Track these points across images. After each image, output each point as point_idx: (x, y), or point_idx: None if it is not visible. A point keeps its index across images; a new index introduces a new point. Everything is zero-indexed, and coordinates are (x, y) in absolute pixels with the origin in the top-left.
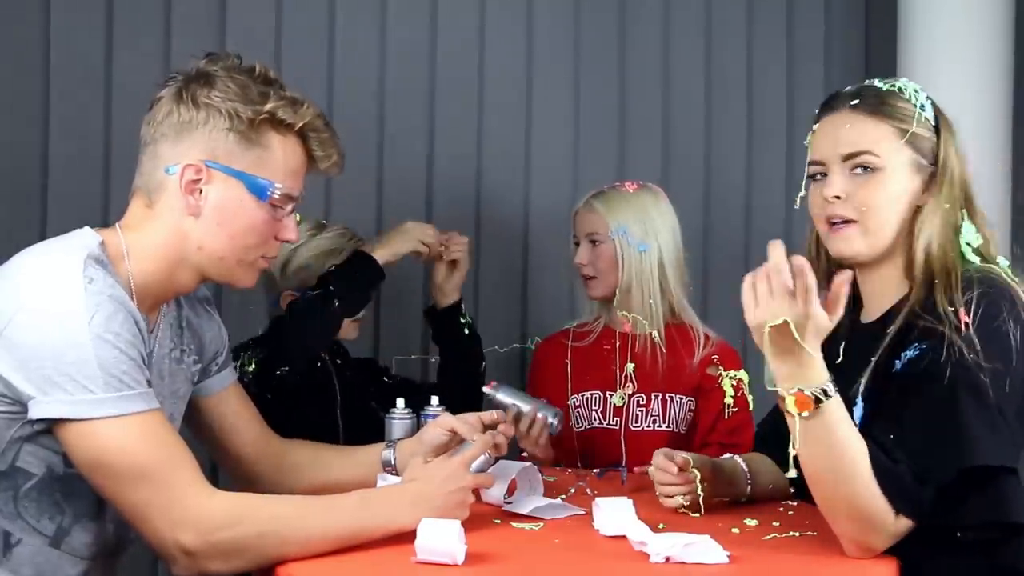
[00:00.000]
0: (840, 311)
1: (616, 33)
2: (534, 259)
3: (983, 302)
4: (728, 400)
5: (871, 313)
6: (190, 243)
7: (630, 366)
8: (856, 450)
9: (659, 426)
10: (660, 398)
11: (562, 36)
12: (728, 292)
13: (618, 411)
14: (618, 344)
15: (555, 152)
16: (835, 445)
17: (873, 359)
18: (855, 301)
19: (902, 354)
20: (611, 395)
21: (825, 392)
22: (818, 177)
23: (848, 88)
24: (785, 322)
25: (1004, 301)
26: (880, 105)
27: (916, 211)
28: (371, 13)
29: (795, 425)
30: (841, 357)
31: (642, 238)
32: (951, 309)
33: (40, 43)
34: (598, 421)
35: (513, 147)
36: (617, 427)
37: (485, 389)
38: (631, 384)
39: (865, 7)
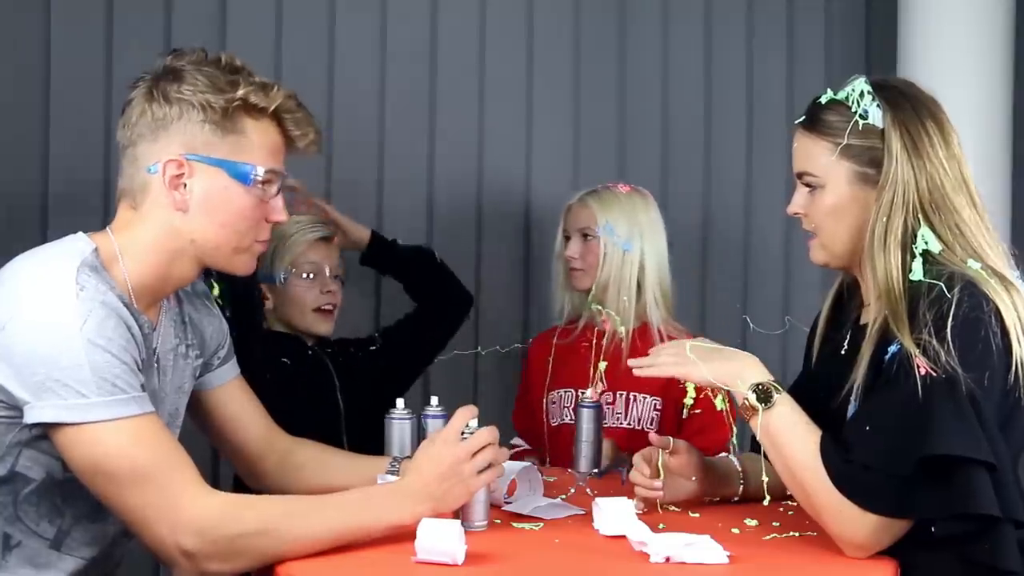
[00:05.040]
0: None
1: (616, 33)
2: (535, 259)
3: (964, 303)
4: (688, 400)
5: (868, 315)
6: (183, 238)
7: (603, 364)
8: (800, 447)
9: (620, 423)
10: (624, 396)
11: (562, 36)
12: (727, 292)
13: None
14: (594, 342)
15: (555, 152)
16: (780, 443)
17: (862, 360)
18: (855, 301)
19: (888, 349)
20: (582, 392)
21: (761, 388)
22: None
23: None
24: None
25: (984, 301)
26: (815, 122)
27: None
28: (371, 13)
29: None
30: (846, 348)
31: (627, 238)
32: (920, 337)
33: (40, 43)
34: (569, 418)
35: (513, 147)
36: None
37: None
38: (601, 383)
39: (865, 7)
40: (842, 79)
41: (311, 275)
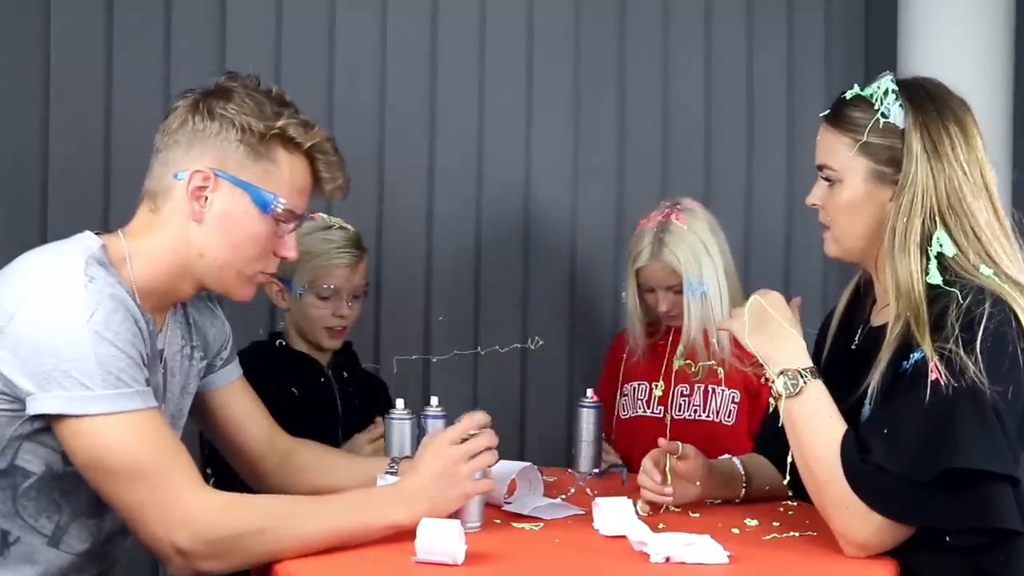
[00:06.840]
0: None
1: (616, 33)
2: (534, 259)
3: (995, 317)
4: (676, 360)
5: (882, 315)
6: (192, 249)
7: (679, 362)
8: (818, 437)
9: (699, 416)
10: (703, 389)
11: (562, 36)
12: None
13: (662, 400)
14: (671, 339)
15: (555, 152)
16: (798, 430)
17: (880, 363)
18: (869, 299)
19: (910, 355)
20: (655, 385)
21: (789, 374)
22: None
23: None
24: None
25: (1013, 316)
26: (838, 116)
27: None
28: (371, 13)
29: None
30: (856, 344)
31: (702, 280)
32: (946, 347)
33: (40, 43)
34: (642, 410)
35: (513, 147)
36: (660, 415)
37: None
38: (683, 377)
39: (865, 7)
40: (842, 79)
41: (327, 297)
